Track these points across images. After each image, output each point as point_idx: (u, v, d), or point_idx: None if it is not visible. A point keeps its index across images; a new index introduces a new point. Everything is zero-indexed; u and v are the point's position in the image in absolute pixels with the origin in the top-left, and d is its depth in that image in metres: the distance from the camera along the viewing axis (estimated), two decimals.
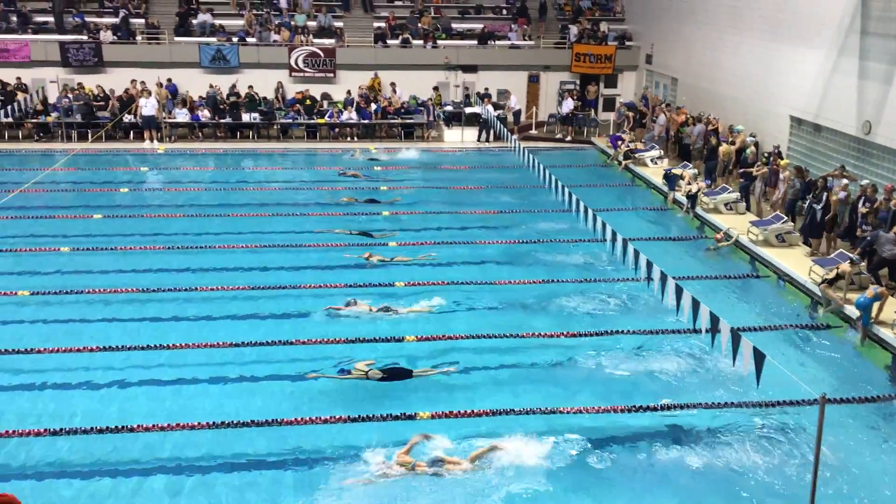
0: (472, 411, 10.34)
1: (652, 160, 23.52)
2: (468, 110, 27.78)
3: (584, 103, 28.99)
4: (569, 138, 28.14)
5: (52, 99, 26.71)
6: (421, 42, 29.51)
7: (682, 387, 11.33)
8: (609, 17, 32.00)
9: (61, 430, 9.71)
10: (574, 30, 30.43)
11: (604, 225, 14.38)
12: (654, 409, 10.66)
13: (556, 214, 18.37)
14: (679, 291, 11.07)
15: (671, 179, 20.61)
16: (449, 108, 28.33)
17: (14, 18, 28.31)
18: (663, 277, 11.64)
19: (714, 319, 10.10)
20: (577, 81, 30.15)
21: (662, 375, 11.61)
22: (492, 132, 27.11)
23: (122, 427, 9.82)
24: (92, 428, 9.76)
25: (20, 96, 26.11)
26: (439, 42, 29.64)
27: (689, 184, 19.82)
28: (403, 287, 14.30)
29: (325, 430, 9.93)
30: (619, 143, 24.81)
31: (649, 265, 12.14)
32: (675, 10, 27.17)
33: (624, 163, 23.83)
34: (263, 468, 9.28)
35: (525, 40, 30.32)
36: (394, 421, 10.12)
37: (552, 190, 17.59)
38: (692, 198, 19.23)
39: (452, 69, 29.25)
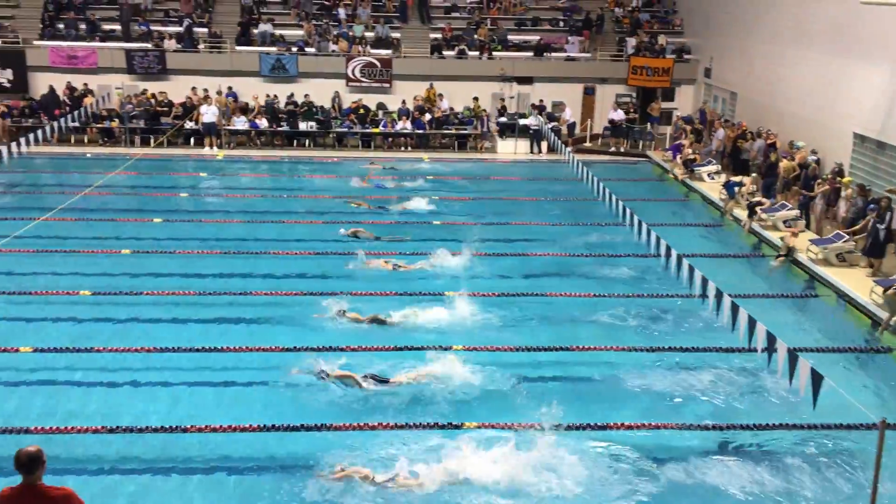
0: (519, 424, 10.28)
1: (709, 175, 23.17)
2: (522, 122, 27.76)
3: (647, 119, 28.67)
4: (622, 149, 27.94)
5: (116, 105, 27.52)
6: (476, 53, 29.62)
7: (734, 406, 11.09)
8: (667, 30, 31.71)
9: (117, 427, 9.93)
10: (632, 42, 30.22)
11: (658, 239, 14.20)
12: (706, 427, 10.46)
13: (609, 228, 18.22)
14: (735, 309, 10.87)
15: (731, 187, 20.27)
16: (502, 119, 28.35)
17: (83, 26, 29.27)
18: (718, 294, 11.45)
19: (770, 338, 9.89)
20: (634, 94, 29.93)
21: (715, 394, 11.39)
22: (545, 144, 27.05)
23: (189, 427, 10.01)
24: (147, 427, 9.97)
25: (88, 99, 26.95)
26: (495, 53, 29.71)
27: (752, 192, 19.43)
28: (452, 296, 14.31)
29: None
30: (679, 152, 24.50)
31: (704, 281, 11.95)
32: (736, 23, 26.78)
33: (682, 174, 23.50)
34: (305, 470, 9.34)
35: (582, 52, 30.21)
36: (440, 429, 10.11)
37: (605, 202, 17.45)
38: (752, 206, 18.83)
39: (507, 80, 29.28)
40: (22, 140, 20.49)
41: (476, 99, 28.38)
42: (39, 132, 21.30)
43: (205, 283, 14.78)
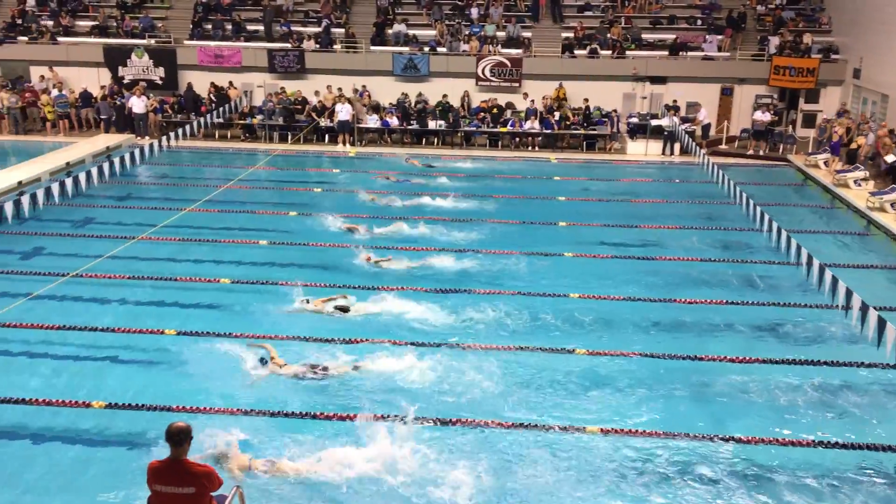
0: (641, 431, 10.05)
1: (855, 182, 21.86)
2: (654, 122, 27.10)
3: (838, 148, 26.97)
4: (761, 152, 26.81)
5: (257, 102, 28.82)
6: (609, 52, 29.14)
7: (875, 426, 10.42)
8: (813, 28, 30.14)
9: (250, 410, 10.37)
10: (774, 41, 28.91)
11: (798, 247, 13.53)
12: (844, 445, 9.87)
13: (745, 233, 17.51)
14: (882, 324, 10.21)
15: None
16: (634, 119, 27.77)
17: (229, 27, 30.79)
18: (864, 307, 10.80)
19: None
20: (775, 95, 28.63)
21: (856, 410, 10.74)
22: (678, 146, 26.31)
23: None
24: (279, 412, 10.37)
25: (234, 92, 28.34)
26: (628, 53, 29.13)
27: None
28: (577, 299, 14.13)
29: None
30: (836, 152, 23.28)
31: (848, 293, 11.30)
32: (889, 21, 25.12)
33: (833, 179, 22.30)
34: None
35: (720, 51, 29.17)
36: (566, 433, 10.02)
37: (741, 207, 16.77)
38: None
39: (640, 80, 28.66)
40: (171, 134, 21.77)
41: (587, 100, 27.87)
42: (187, 127, 22.56)
43: (334, 275, 15.21)
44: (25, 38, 30.66)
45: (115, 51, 29.63)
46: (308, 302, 13.58)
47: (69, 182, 18.84)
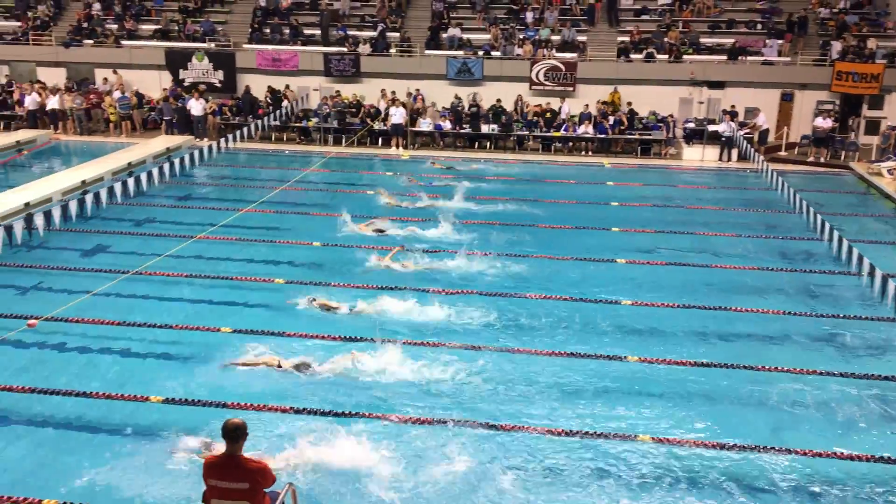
0: (694, 440, 9.89)
1: None
2: (711, 128, 26.68)
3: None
4: (822, 159, 26.19)
5: (313, 106, 29.20)
6: (665, 56, 28.79)
7: None
8: (878, 32, 29.33)
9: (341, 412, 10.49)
10: (837, 46, 28.23)
11: (860, 257, 13.17)
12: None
13: (804, 242, 17.12)
14: None
15: None
16: (690, 124, 27.38)
17: (287, 31, 31.27)
18: None
19: None
20: (837, 101, 27.94)
21: None
22: (735, 151, 25.87)
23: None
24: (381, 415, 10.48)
25: (291, 94, 28.76)
26: (685, 57, 28.75)
27: None
28: (629, 306, 13.98)
29: None
30: None
31: None
32: None
33: None
34: None
35: (780, 56, 28.60)
36: (614, 440, 9.93)
37: (801, 215, 16.40)
38: None
39: (697, 85, 28.25)
40: (229, 136, 22.23)
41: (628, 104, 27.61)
42: (245, 129, 22.99)
43: (379, 277, 15.28)
44: (91, 42, 31.59)
45: (176, 54, 30.34)
46: (314, 301, 13.76)
47: (131, 182, 19.41)
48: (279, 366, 11.45)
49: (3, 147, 25.78)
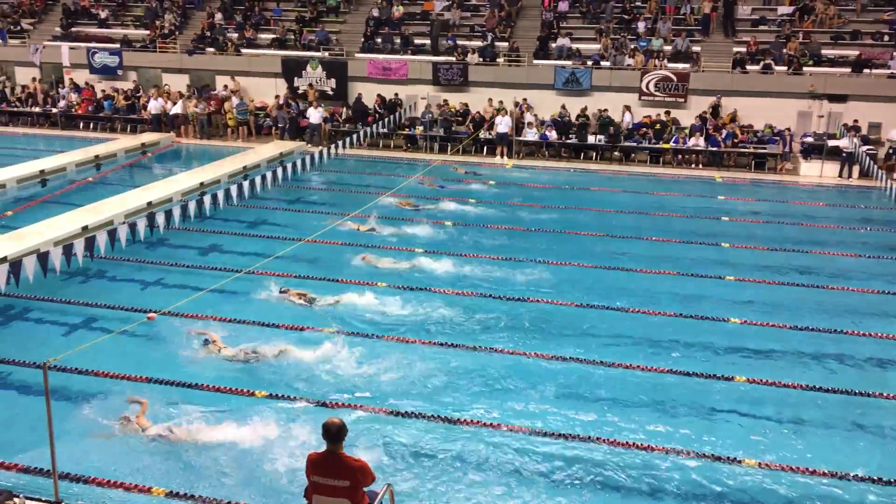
0: (804, 469, 9.47)
1: None
2: (831, 143, 25.53)
3: None
4: None
5: (419, 114, 29.62)
6: (784, 68, 27.77)
7: None
8: None
9: (401, 412, 10.65)
10: None
11: None
12: None
13: None
14: None
15: None
16: (809, 139, 26.29)
17: (398, 41, 31.87)
18: None
19: None
20: None
21: None
22: (856, 168, 24.67)
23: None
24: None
25: (403, 100, 29.24)
26: (805, 69, 27.65)
27: None
28: (738, 325, 13.52)
29: None
30: None
31: None
32: None
33: None
34: None
35: None
36: (720, 462, 9.63)
37: None
38: None
39: (817, 98, 27.10)
40: (339, 143, 22.82)
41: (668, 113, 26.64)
42: (354, 136, 23.55)
43: (468, 282, 15.38)
44: (213, 50, 33.08)
45: (292, 62, 31.38)
46: (287, 291, 14.33)
47: (246, 185, 20.19)
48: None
49: (129, 149, 27.32)
